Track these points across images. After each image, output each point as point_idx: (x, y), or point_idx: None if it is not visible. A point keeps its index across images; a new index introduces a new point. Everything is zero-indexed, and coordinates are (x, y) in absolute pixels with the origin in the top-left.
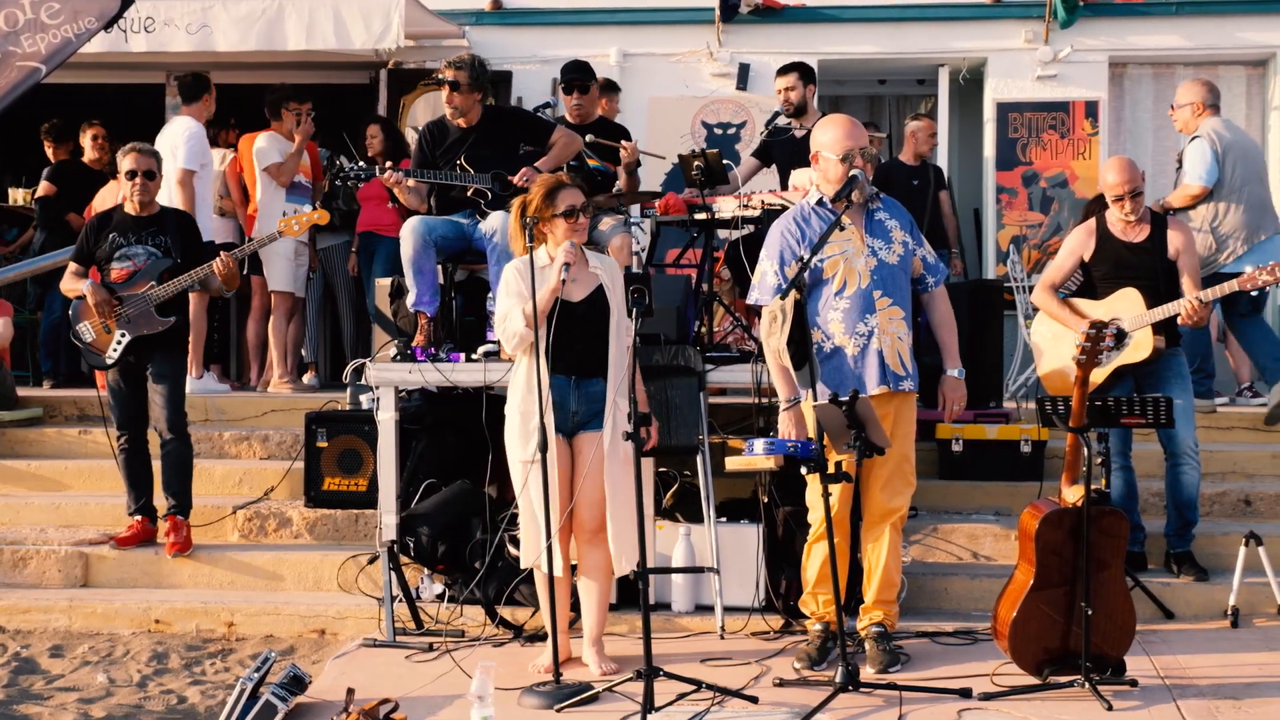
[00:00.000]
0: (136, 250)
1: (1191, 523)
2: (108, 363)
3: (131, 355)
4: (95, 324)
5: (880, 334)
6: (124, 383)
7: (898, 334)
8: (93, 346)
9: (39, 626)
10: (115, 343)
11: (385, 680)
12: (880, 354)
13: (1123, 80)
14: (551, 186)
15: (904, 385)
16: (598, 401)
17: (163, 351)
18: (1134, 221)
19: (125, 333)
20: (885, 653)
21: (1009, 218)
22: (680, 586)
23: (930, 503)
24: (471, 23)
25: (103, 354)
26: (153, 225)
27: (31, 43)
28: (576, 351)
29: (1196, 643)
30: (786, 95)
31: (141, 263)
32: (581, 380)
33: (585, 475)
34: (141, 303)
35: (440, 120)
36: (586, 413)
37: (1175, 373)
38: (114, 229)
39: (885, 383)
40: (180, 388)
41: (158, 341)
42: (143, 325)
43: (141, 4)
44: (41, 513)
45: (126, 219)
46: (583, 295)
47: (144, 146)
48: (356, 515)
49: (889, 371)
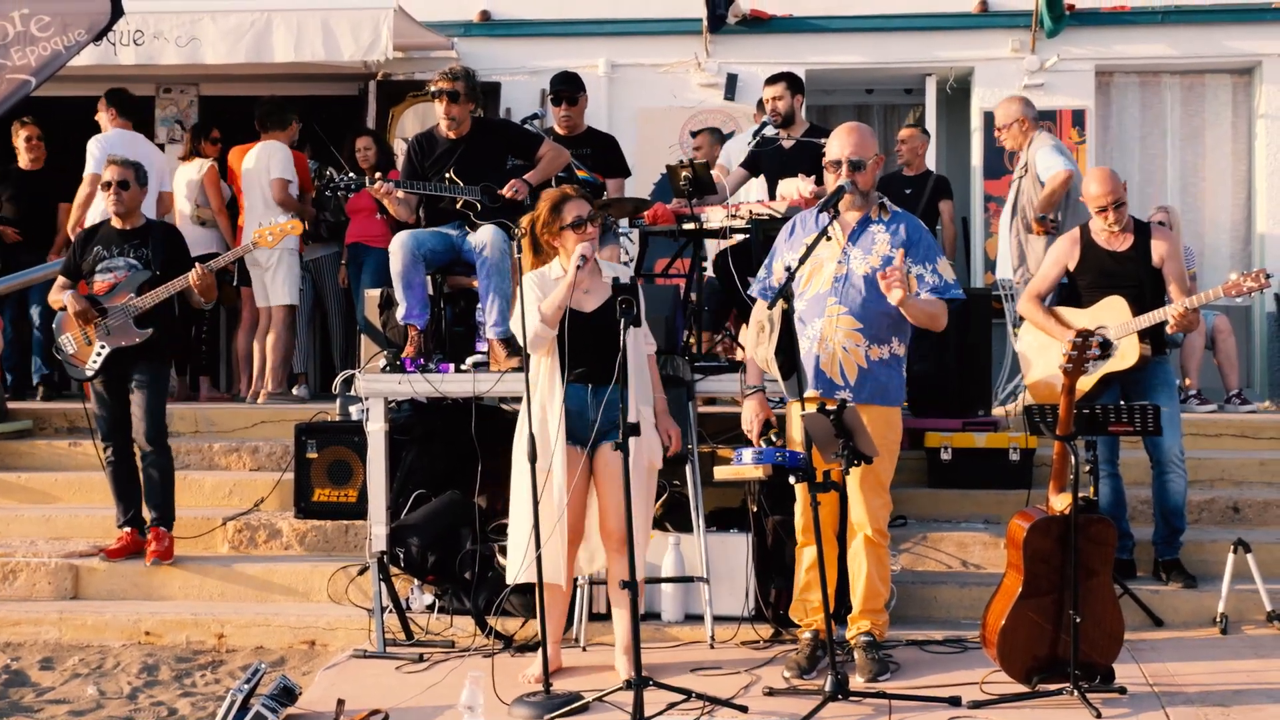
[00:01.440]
0: (118, 262)
1: (1179, 530)
2: (87, 374)
3: (113, 367)
4: (77, 336)
5: (823, 340)
6: (107, 395)
7: (844, 344)
8: (74, 358)
9: (29, 639)
10: (95, 354)
11: (375, 691)
12: (817, 359)
13: (1109, 89)
14: (557, 200)
15: (839, 394)
16: (613, 410)
17: (143, 363)
18: (1118, 231)
19: (105, 344)
20: (874, 661)
21: (997, 226)
22: (670, 596)
23: (919, 511)
24: (460, 34)
25: (83, 365)
26: (135, 238)
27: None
28: (591, 360)
29: (1185, 650)
30: (774, 105)
31: (122, 275)
32: (598, 388)
33: (611, 484)
34: (121, 314)
35: (429, 132)
36: (605, 421)
37: (1161, 380)
38: (98, 241)
39: (817, 386)
40: (160, 400)
41: (138, 354)
42: (121, 337)
43: (131, 17)
44: (31, 525)
45: (111, 231)
46: (596, 305)
47: (121, 158)
48: (346, 526)
49: (823, 377)
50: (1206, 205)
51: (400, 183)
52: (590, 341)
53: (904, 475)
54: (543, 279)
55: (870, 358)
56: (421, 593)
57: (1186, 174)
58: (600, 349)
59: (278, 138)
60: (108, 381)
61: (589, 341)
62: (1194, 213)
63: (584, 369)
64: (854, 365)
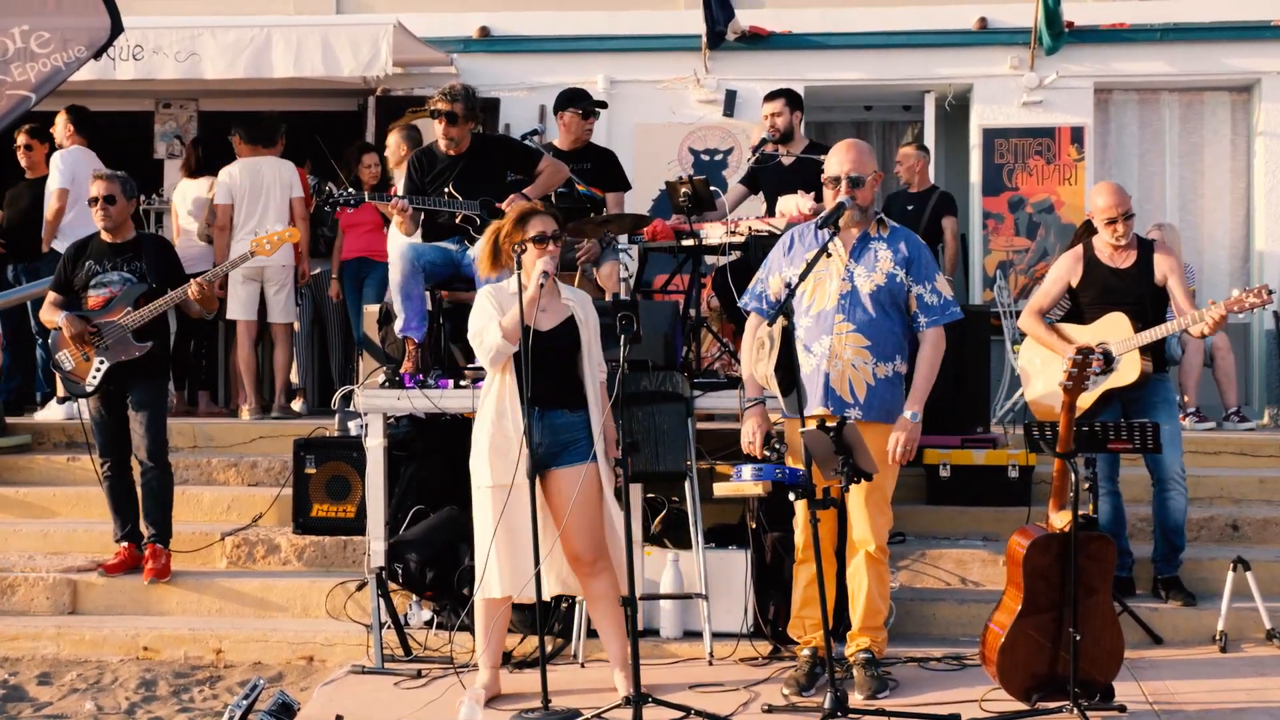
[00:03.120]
0: (112, 277)
1: (1179, 548)
2: (87, 390)
3: (112, 383)
4: (74, 352)
5: (832, 358)
6: (105, 410)
7: (853, 361)
8: (73, 375)
9: (27, 654)
10: (94, 370)
11: (374, 707)
12: (826, 376)
13: (1108, 106)
14: (524, 213)
15: (849, 413)
16: (563, 433)
17: (142, 379)
18: (1121, 247)
19: (104, 360)
20: (873, 678)
21: (995, 243)
22: (669, 612)
23: (918, 528)
24: (460, 50)
25: (82, 381)
26: (128, 251)
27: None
28: (540, 381)
29: (1185, 668)
30: (773, 121)
31: (117, 289)
32: (545, 411)
33: (572, 508)
34: (118, 329)
35: (429, 148)
36: (552, 444)
37: (1162, 398)
38: (89, 256)
39: (827, 404)
40: (161, 416)
41: (137, 369)
42: (120, 351)
43: (130, 32)
44: (30, 540)
45: (102, 246)
46: (551, 325)
47: (107, 172)
48: (345, 541)
49: (833, 395)
50: (1205, 222)
51: (400, 197)
52: (541, 361)
53: (903, 492)
54: (499, 292)
55: (878, 375)
56: (420, 608)
57: (1185, 191)
58: (551, 370)
59: (270, 153)
60: (106, 397)
61: (540, 361)
62: (1193, 230)
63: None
64: (862, 383)
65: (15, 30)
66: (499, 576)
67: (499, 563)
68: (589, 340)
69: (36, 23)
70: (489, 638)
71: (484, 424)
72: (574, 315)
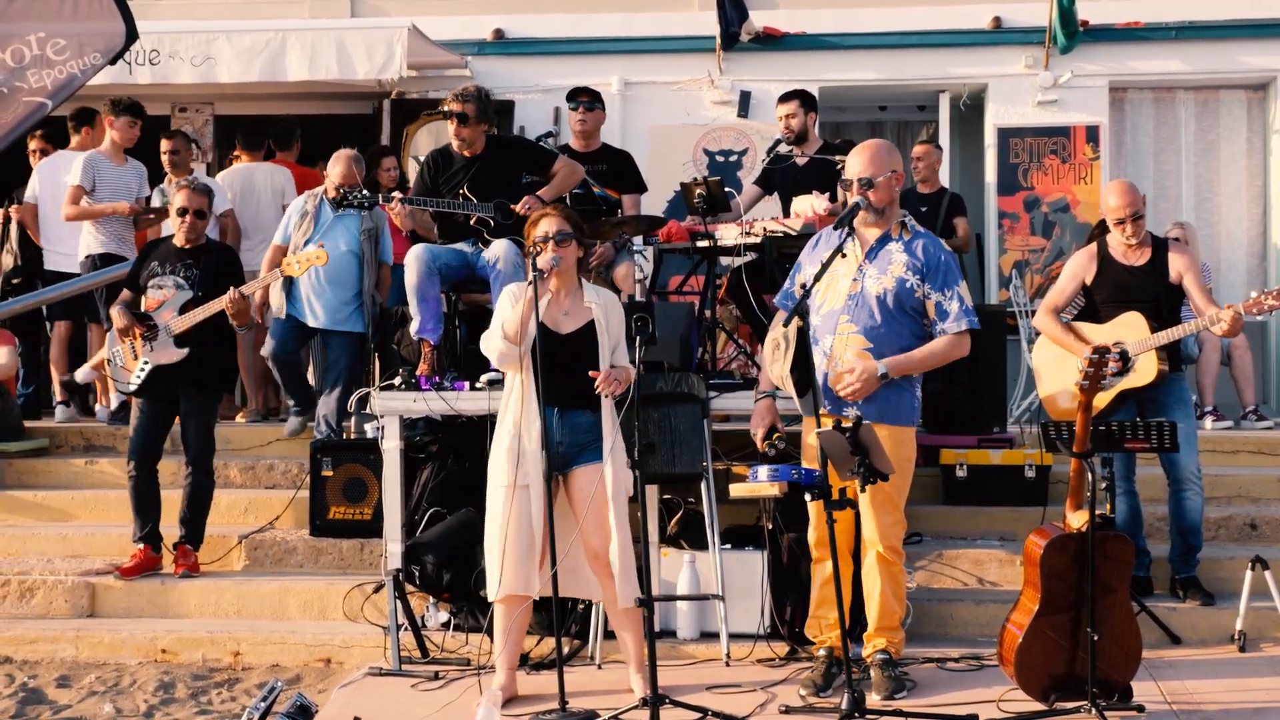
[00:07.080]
0: (167, 280)
1: (1195, 548)
2: (130, 387)
3: (156, 385)
4: (126, 350)
5: (832, 358)
6: (145, 410)
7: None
8: (123, 369)
9: (46, 656)
10: (139, 369)
11: (391, 709)
12: (825, 375)
13: (1123, 105)
14: (538, 215)
15: (847, 411)
16: (583, 434)
17: (190, 387)
18: (1135, 245)
19: (148, 360)
20: (891, 679)
21: (1011, 243)
22: (685, 613)
23: (935, 528)
24: (474, 53)
25: (128, 378)
26: (190, 257)
27: (38, 78)
28: (562, 383)
29: (1203, 668)
30: (788, 122)
31: (169, 293)
32: (566, 411)
33: (590, 508)
34: (164, 332)
35: (444, 149)
36: (571, 444)
37: (1178, 397)
38: (156, 257)
39: (827, 403)
40: (210, 424)
41: (184, 376)
42: (162, 354)
43: (146, 37)
44: (48, 543)
45: (170, 249)
46: (573, 328)
47: (197, 183)
48: (362, 544)
49: (831, 394)
50: (1221, 221)
51: (415, 199)
52: (562, 364)
53: (919, 492)
54: (521, 290)
55: None
56: (437, 610)
57: (1201, 190)
58: (571, 373)
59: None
60: (154, 399)
61: (561, 364)
62: (1209, 229)
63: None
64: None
65: (32, 37)
66: (503, 575)
67: (504, 562)
68: (605, 344)
69: (53, 30)
70: (506, 639)
71: (504, 425)
72: (595, 319)
